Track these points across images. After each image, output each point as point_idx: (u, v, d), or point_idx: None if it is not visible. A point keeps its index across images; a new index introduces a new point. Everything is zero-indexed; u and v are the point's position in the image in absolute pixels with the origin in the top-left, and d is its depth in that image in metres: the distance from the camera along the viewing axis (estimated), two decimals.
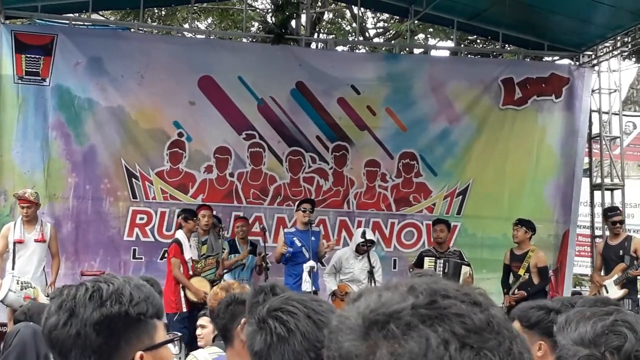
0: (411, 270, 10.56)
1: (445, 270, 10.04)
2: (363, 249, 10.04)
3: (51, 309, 1.94)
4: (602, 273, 10.61)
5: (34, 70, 11.37)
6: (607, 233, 11.22)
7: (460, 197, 12.43)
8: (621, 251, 10.32)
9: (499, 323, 1.05)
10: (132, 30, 12.93)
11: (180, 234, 10.08)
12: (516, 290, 10.11)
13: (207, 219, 10.30)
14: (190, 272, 9.91)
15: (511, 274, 10.46)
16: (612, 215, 10.74)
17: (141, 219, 11.49)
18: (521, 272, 10.16)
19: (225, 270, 10.42)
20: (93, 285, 1.93)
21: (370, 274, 9.77)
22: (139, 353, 1.90)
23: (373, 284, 9.55)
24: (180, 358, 5.51)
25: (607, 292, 10.13)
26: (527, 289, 10.00)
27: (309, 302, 2.15)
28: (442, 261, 10.23)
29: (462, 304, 1.06)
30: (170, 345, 2.06)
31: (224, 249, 10.48)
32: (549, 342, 3.31)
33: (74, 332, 1.86)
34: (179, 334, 2.24)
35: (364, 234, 10.15)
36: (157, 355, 1.95)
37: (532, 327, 3.31)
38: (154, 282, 4.56)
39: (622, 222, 10.67)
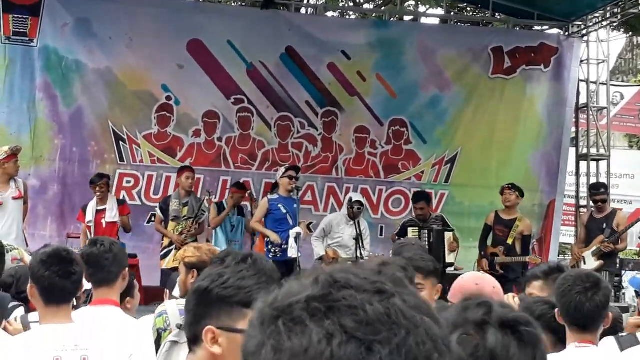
0: (394, 241, 10.56)
1: (431, 240, 10.07)
2: (355, 212, 10.02)
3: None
4: (585, 245, 10.68)
5: (22, 30, 11.26)
6: (585, 202, 11.29)
7: (449, 165, 12.45)
8: (604, 224, 10.40)
9: (398, 312, 1.02)
10: None
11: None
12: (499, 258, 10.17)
13: (190, 181, 10.27)
14: None
15: (492, 236, 10.49)
16: (595, 194, 10.81)
17: (128, 182, 11.44)
18: (509, 240, 10.22)
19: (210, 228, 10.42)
20: (233, 257, 2.59)
21: (356, 240, 9.74)
22: (207, 327, 2.15)
23: (360, 252, 9.60)
24: None
25: (585, 263, 10.24)
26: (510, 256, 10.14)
27: None
28: (425, 231, 10.24)
29: (359, 294, 1.03)
30: None
31: (203, 212, 10.40)
32: (550, 337, 3.35)
33: (188, 296, 2.34)
34: None
35: (350, 199, 10.15)
36: (234, 340, 2.11)
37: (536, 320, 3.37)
38: (113, 242, 4.51)
39: (604, 201, 10.71)
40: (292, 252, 9.52)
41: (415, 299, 1.06)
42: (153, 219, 11.13)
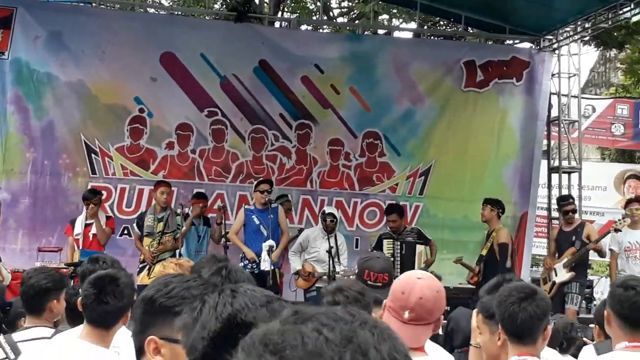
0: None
1: (403, 252, 10.11)
2: (326, 225, 10.03)
3: None
4: (556, 258, 10.75)
5: None
6: (556, 214, 11.37)
7: (423, 177, 12.48)
8: (573, 237, 10.46)
9: (358, 314, 1.16)
10: (94, 5, 12.74)
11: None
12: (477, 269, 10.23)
13: (165, 196, 10.21)
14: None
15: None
16: (564, 205, 10.90)
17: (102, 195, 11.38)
18: (484, 252, 10.29)
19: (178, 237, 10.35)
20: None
21: (330, 254, 9.73)
22: (149, 337, 2.14)
23: (334, 266, 9.59)
24: None
25: (556, 274, 10.31)
26: (487, 267, 10.15)
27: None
28: (399, 243, 10.28)
29: (325, 313, 1.15)
30: None
31: (179, 226, 10.34)
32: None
33: (135, 304, 2.37)
34: None
35: (323, 211, 10.17)
36: (175, 350, 2.09)
37: (492, 317, 3.35)
38: (114, 260, 4.50)
39: (574, 211, 10.83)
40: (264, 265, 9.54)
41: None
42: (126, 232, 11.10)
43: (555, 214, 13.12)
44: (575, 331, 5.46)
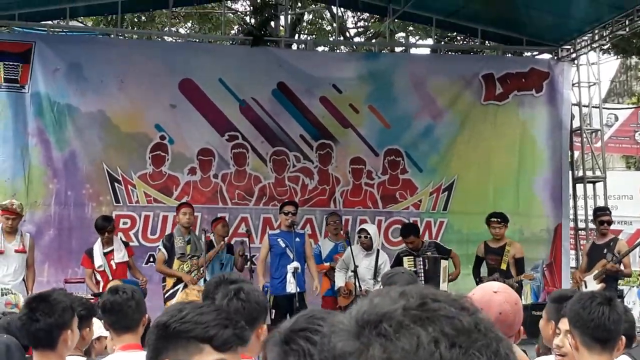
0: None
1: (426, 267, 10.04)
2: (362, 242, 10.05)
3: None
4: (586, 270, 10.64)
5: (13, 77, 11.31)
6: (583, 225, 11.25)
7: (446, 193, 12.41)
8: (605, 249, 10.36)
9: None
10: (112, 36, 12.86)
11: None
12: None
13: (188, 217, 10.16)
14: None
15: (484, 266, 10.57)
16: (600, 215, 10.78)
17: (125, 223, 11.36)
18: (503, 266, 10.20)
19: (203, 268, 10.27)
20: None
21: (355, 273, 9.70)
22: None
23: (360, 286, 9.55)
24: None
25: (586, 287, 10.16)
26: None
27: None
28: (420, 259, 10.21)
29: (451, 307, 1.09)
30: None
31: (202, 250, 10.32)
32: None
33: (149, 331, 2.36)
34: None
35: (359, 230, 10.19)
36: None
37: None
38: (134, 290, 4.47)
39: (609, 222, 10.70)
40: (290, 287, 9.52)
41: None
42: (152, 259, 11.03)
43: (581, 224, 12.99)
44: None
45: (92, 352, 4.61)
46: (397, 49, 15.18)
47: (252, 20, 15.95)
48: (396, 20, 14.31)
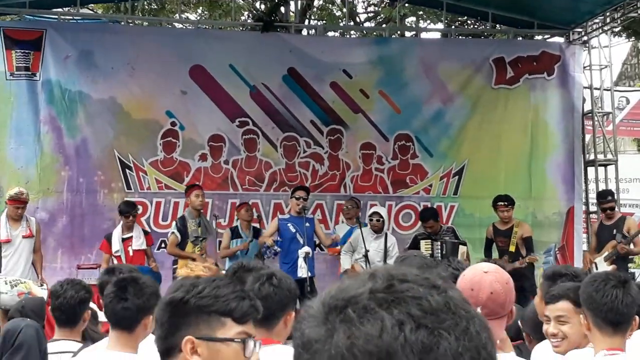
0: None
1: (444, 252, 10.03)
2: (374, 225, 10.08)
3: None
4: (597, 253, 10.63)
5: (24, 65, 11.35)
6: (595, 208, 11.25)
7: (457, 177, 12.40)
8: (614, 230, 10.36)
9: (456, 304, 1.08)
10: (122, 23, 12.88)
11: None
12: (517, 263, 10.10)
13: (200, 199, 10.23)
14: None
15: (494, 249, 10.59)
16: (604, 202, 10.79)
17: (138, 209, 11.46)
18: (512, 248, 10.21)
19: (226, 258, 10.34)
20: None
21: (366, 257, 9.75)
22: (187, 337, 2.20)
23: (368, 266, 9.58)
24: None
25: (597, 268, 10.15)
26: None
27: None
28: (438, 243, 10.23)
29: (419, 287, 1.09)
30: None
31: (216, 231, 10.38)
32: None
33: (160, 308, 2.34)
34: (246, 336, 2.33)
35: (372, 212, 10.22)
36: (214, 348, 2.22)
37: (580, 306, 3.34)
38: (132, 269, 4.51)
39: (612, 208, 10.71)
40: (301, 272, 9.56)
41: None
42: (163, 245, 11.09)
43: (593, 207, 12.95)
44: None
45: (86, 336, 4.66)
46: (408, 34, 15.14)
47: (262, 6, 15.96)
48: (406, 5, 14.29)
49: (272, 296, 3.35)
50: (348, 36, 14.48)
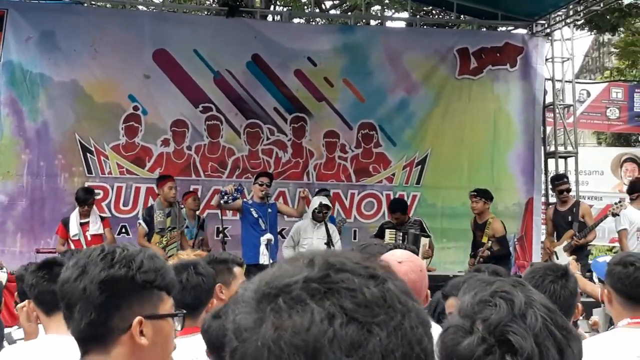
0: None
1: (405, 242, 10.09)
2: (319, 217, 10.05)
3: (69, 264, 2.09)
4: (555, 238, 10.74)
5: None
6: (554, 200, 11.36)
7: (419, 167, 12.47)
8: (570, 217, 10.45)
9: (393, 297, 1.05)
10: (85, 4, 12.71)
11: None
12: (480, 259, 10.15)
13: (174, 191, 10.16)
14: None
15: (476, 241, 10.63)
16: (559, 184, 10.87)
17: (97, 194, 11.27)
18: (484, 239, 10.26)
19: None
20: (109, 248, 2.07)
21: (328, 245, 9.74)
22: (138, 318, 1.98)
23: None
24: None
25: (557, 258, 10.26)
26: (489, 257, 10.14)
27: None
28: (401, 233, 10.30)
29: (356, 278, 1.05)
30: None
31: (185, 221, 10.33)
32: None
33: (81, 287, 1.99)
34: (184, 311, 2.22)
35: (319, 203, 10.15)
36: (158, 326, 2.03)
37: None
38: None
39: (568, 190, 10.80)
40: (263, 259, 9.55)
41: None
42: (124, 230, 11.04)
43: (552, 199, 13.10)
44: None
45: None
46: (373, 22, 15.15)
47: None
48: None
49: (201, 285, 3.45)
50: (314, 23, 14.46)
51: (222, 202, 9.93)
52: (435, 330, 1.27)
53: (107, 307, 1.97)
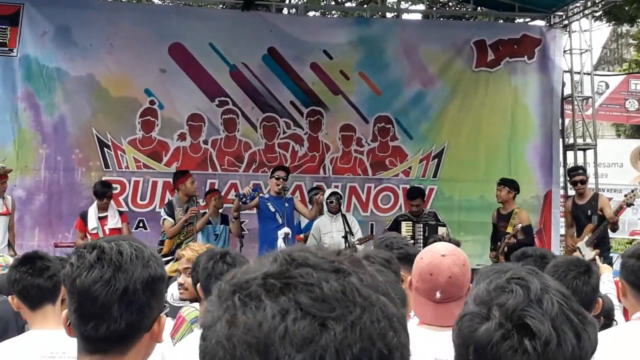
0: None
1: (426, 234, 10.07)
2: (332, 206, 10.03)
3: (84, 262, 1.95)
4: (575, 232, 10.66)
5: (1, 41, 11.17)
6: (573, 192, 11.27)
7: (436, 160, 12.42)
8: (589, 211, 10.37)
9: (354, 290, 1.03)
10: None
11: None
12: (505, 248, 10.07)
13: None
14: None
15: (498, 233, 10.54)
16: (574, 175, 10.78)
17: (114, 188, 11.28)
18: (509, 229, 10.19)
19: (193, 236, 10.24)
20: (129, 244, 1.99)
21: (346, 238, 9.72)
22: (162, 315, 1.99)
23: (349, 246, 9.57)
24: None
25: (582, 254, 10.18)
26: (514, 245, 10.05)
27: None
28: (420, 225, 10.25)
29: (316, 272, 1.04)
30: None
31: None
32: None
33: (121, 288, 1.90)
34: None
35: (329, 194, 10.20)
36: (162, 320, 2.03)
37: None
38: None
39: (583, 181, 10.68)
40: None
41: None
42: (141, 224, 11.09)
43: (571, 192, 13.02)
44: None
45: None
46: (389, 15, 15.07)
47: None
48: None
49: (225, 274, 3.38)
50: (329, 16, 14.41)
51: (240, 203, 9.95)
52: None
53: (146, 307, 1.95)
